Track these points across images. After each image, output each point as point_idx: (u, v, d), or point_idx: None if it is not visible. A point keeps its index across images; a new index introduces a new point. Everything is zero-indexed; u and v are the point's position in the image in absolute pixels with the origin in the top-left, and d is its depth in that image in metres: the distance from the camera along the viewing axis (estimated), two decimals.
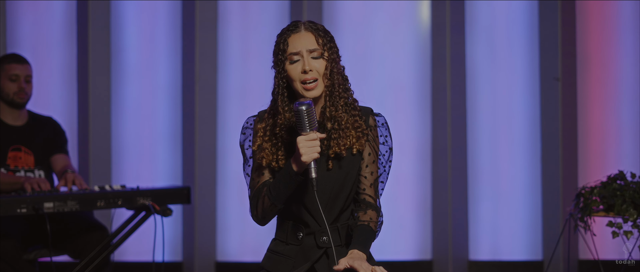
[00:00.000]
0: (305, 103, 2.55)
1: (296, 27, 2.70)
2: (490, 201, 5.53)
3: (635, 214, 3.86)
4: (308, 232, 2.72)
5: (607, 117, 5.46)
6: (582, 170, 5.46)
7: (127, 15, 5.60)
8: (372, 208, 2.71)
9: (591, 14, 5.49)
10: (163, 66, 5.61)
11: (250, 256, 5.60)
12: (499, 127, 5.53)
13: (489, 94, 5.54)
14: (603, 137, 5.47)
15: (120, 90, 5.60)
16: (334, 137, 2.67)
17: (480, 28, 5.53)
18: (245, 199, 5.58)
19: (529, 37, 5.50)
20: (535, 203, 5.48)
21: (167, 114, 5.62)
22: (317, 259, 2.70)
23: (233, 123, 5.60)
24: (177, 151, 5.61)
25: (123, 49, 5.60)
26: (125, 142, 5.61)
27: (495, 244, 5.54)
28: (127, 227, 4.13)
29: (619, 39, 5.45)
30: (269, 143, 2.70)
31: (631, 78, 5.44)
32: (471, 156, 5.52)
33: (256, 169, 2.73)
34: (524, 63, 5.51)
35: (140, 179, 5.46)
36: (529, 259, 5.51)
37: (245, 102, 5.60)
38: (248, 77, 5.59)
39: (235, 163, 5.59)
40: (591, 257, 5.31)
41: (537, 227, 5.48)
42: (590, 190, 3.98)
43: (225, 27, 5.61)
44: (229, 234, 5.61)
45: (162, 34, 5.61)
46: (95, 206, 3.85)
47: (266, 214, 2.69)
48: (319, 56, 2.66)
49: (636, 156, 5.43)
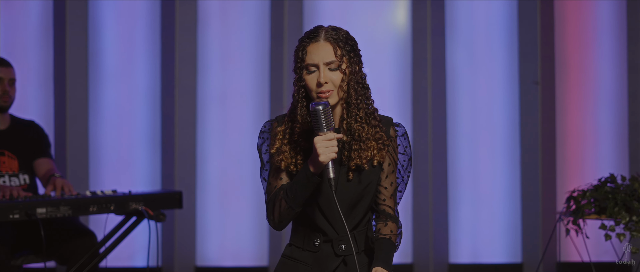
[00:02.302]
0: (322, 103, 2.53)
1: (317, 35, 2.65)
2: (470, 204, 5.56)
3: (627, 217, 3.90)
4: (325, 239, 2.69)
5: (585, 121, 5.52)
6: (561, 173, 5.52)
7: (105, 17, 5.52)
8: (393, 219, 2.70)
9: (569, 17, 5.55)
10: (142, 69, 5.55)
11: (230, 261, 5.56)
12: (478, 130, 5.57)
13: (468, 98, 5.57)
14: (581, 141, 5.53)
15: (98, 93, 5.52)
16: (355, 148, 2.65)
17: (460, 32, 5.56)
18: (225, 203, 5.54)
19: (508, 41, 5.54)
20: (515, 206, 5.53)
21: (146, 118, 5.55)
22: (335, 268, 2.68)
23: (213, 127, 5.56)
24: (156, 155, 5.54)
25: (101, 51, 5.52)
26: (103, 147, 5.53)
27: (475, 247, 5.57)
28: (117, 233, 4.06)
29: (597, 43, 5.52)
30: (288, 146, 2.67)
31: (609, 81, 5.51)
32: (451, 160, 5.55)
33: (274, 173, 2.70)
34: (503, 67, 5.56)
35: (118, 184, 5.39)
36: (508, 261, 5.55)
37: (226, 105, 5.56)
38: (228, 80, 5.55)
39: (215, 167, 5.55)
40: (570, 260, 5.37)
41: (516, 230, 5.52)
42: (582, 193, 4.02)
43: (204, 29, 5.57)
44: (209, 239, 5.56)
45: (140, 36, 5.54)
46: (87, 211, 3.78)
47: (283, 218, 2.66)
48: (336, 68, 2.63)
49: (614, 158, 5.50)
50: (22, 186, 4.22)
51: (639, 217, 3.90)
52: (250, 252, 5.56)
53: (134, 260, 5.50)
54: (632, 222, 3.90)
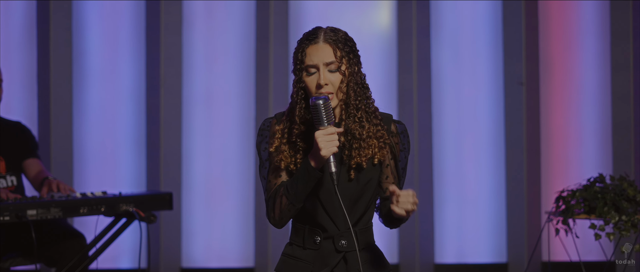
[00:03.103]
0: (322, 97, 2.55)
1: (316, 37, 2.65)
2: (455, 204, 5.58)
3: (617, 217, 3.93)
4: (326, 236, 2.69)
5: (570, 121, 5.56)
6: (545, 173, 5.55)
7: (89, 17, 5.49)
8: None
9: (553, 17, 5.58)
10: (127, 69, 5.51)
11: (215, 262, 5.54)
12: (464, 131, 5.59)
13: (454, 98, 5.59)
14: (565, 141, 5.56)
15: (82, 94, 5.48)
16: (355, 147, 2.65)
17: (445, 32, 5.58)
18: (210, 204, 5.53)
19: (493, 41, 5.56)
20: (500, 206, 5.55)
21: (131, 119, 5.52)
22: (335, 264, 2.68)
23: (198, 127, 5.54)
24: (141, 156, 5.51)
25: (85, 51, 5.48)
26: (87, 148, 5.49)
27: (460, 247, 5.59)
28: (107, 234, 4.03)
29: (581, 43, 5.56)
30: (287, 145, 2.67)
31: (593, 81, 5.54)
32: (436, 160, 5.56)
33: (273, 171, 2.69)
34: (488, 67, 5.58)
35: (103, 185, 5.35)
36: (493, 261, 5.57)
37: (211, 106, 5.54)
38: (214, 81, 5.54)
39: (201, 168, 5.53)
40: (552, 259, 5.40)
41: (501, 229, 5.55)
42: (572, 193, 4.04)
43: (190, 29, 5.54)
44: (195, 240, 5.54)
45: (125, 36, 5.51)
46: (78, 212, 3.75)
47: (284, 214, 2.66)
48: (336, 69, 2.64)
49: (598, 158, 5.54)
50: (9, 187, 4.18)
51: (628, 216, 3.93)
52: (236, 253, 5.55)
53: (120, 261, 5.47)
54: (622, 222, 3.93)
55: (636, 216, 3.92)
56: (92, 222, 4.56)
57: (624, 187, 4.01)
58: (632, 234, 4.07)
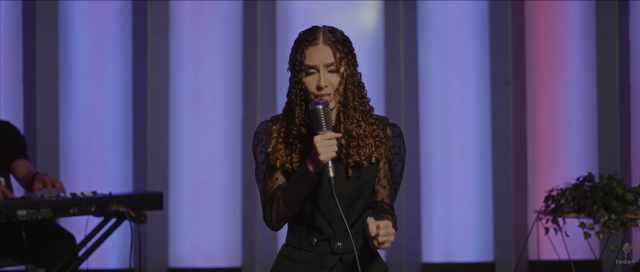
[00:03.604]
0: (321, 103, 2.55)
1: (315, 38, 2.65)
2: (442, 204, 5.60)
3: (606, 215, 3.95)
4: (322, 238, 2.69)
5: (556, 120, 5.59)
6: (531, 172, 5.58)
7: (75, 16, 5.46)
8: (390, 213, 2.72)
9: (539, 18, 5.61)
10: (113, 69, 5.49)
11: (202, 262, 5.53)
12: (451, 130, 5.60)
13: (441, 98, 5.61)
14: (551, 140, 5.59)
15: (68, 93, 5.45)
16: (353, 145, 2.66)
17: (433, 32, 5.59)
18: (197, 203, 5.51)
19: (480, 41, 5.58)
20: (487, 205, 5.57)
21: (117, 118, 5.50)
22: (332, 267, 2.68)
23: (185, 127, 5.52)
24: (128, 156, 5.49)
25: (71, 50, 5.45)
26: (74, 147, 5.46)
27: (447, 246, 5.60)
28: (97, 234, 4.01)
29: (567, 43, 5.59)
30: (283, 144, 2.67)
31: (578, 81, 5.58)
32: (424, 159, 5.58)
33: (269, 173, 2.69)
34: (475, 67, 5.60)
35: (90, 186, 5.33)
36: (480, 260, 5.59)
37: (198, 105, 5.53)
38: (201, 80, 5.52)
39: (188, 168, 5.51)
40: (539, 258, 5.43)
41: (488, 228, 5.57)
42: (561, 192, 4.06)
43: (177, 28, 5.53)
44: (181, 240, 5.52)
45: (112, 35, 5.49)
46: (68, 212, 3.73)
47: (281, 218, 2.66)
48: (335, 70, 2.64)
49: (584, 157, 5.57)
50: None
51: (617, 215, 3.95)
52: (223, 253, 5.54)
53: (107, 262, 5.44)
54: (611, 221, 3.95)
55: (625, 215, 3.94)
56: (80, 222, 4.54)
57: (613, 186, 4.04)
58: (621, 233, 4.09)
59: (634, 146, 5.53)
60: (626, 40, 5.52)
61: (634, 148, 5.53)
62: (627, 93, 5.53)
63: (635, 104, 5.54)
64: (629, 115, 5.52)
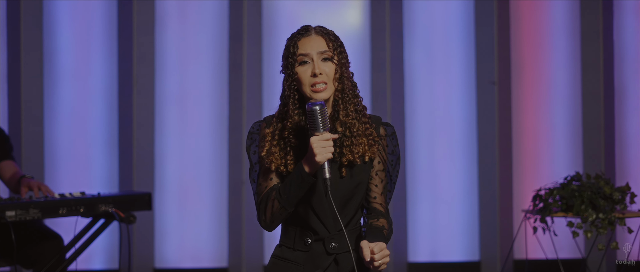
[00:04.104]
0: (318, 103, 2.54)
1: (307, 31, 2.70)
2: (428, 203, 5.61)
3: (594, 214, 3.98)
4: (317, 238, 2.69)
5: (540, 120, 5.62)
6: (516, 171, 5.60)
7: (60, 17, 5.43)
8: (384, 216, 2.72)
9: (524, 18, 5.63)
10: (99, 69, 5.46)
11: (189, 262, 5.52)
12: (436, 130, 5.62)
13: (426, 98, 5.62)
14: (536, 139, 5.62)
15: (53, 93, 5.42)
16: (347, 144, 2.66)
17: (418, 32, 5.61)
18: (183, 204, 5.50)
19: (465, 41, 5.60)
20: (472, 205, 5.59)
21: (103, 119, 5.47)
22: (326, 267, 2.68)
23: (171, 127, 5.50)
24: (114, 156, 5.47)
25: (56, 50, 5.42)
26: (59, 148, 5.43)
27: (433, 245, 5.62)
28: (85, 235, 3.99)
29: (552, 43, 5.62)
30: (277, 147, 2.66)
31: (563, 81, 5.61)
32: (409, 159, 5.59)
33: (264, 174, 2.69)
34: (460, 67, 5.62)
35: (75, 186, 5.30)
36: (466, 260, 5.61)
37: (184, 106, 5.51)
38: (186, 81, 5.51)
39: (174, 168, 5.50)
40: (522, 257, 5.46)
41: (474, 228, 5.59)
42: (549, 191, 4.08)
43: (162, 29, 5.51)
44: (167, 240, 5.50)
45: (97, 36, 5.46)
46: (57, 213, 3.71)
47: (275, 218, 2.65)
48: (329, 58, 2.65)
49: (568, 157, 5.60)
50: None
51: (605, 214, 3.98)
52: (209, 253, 5.52)
53: (92, 262, 5.41)
54: (599, 220, 3.98)
55: (613, 214, 3.97)
56: (67, 222, 4.51)
57: (600, 185, 4.06)
58: (609, 232, 4.12)
59: (618, 145, 5.57)
60: (610, 40, 5.56)
61: (618, 147, 5.57)
62: (611, 93, 5.56)
63: (619, 104, 5.58)
64: (613, 115, 5.56)
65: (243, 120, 5.43)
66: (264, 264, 5.49)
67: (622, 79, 5.59)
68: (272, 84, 5.51)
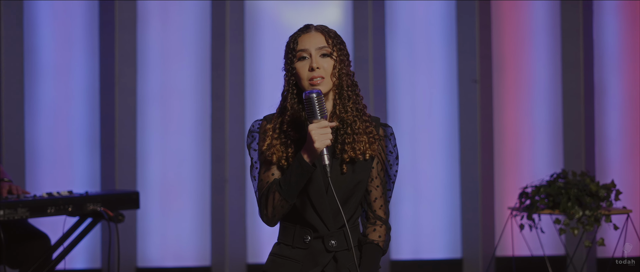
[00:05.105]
0: (315, 91, 2.56)
1: (307, 28, 2.73)
2: (411, 201, 5.63)
3: (581, 212, 4.01)
4: (316, 236, 2.70)
5: (522, 118, 5.66)
6: (498, 169, 5.64)
7: (41, 14, 5.38)
8: (382, 221, 2.74)
9: (506, 17, 5.67)
10: (80, 67, 5.42)
11: (171, 261, 5.49)
12: (418, 128, 5.64)
13: (409, 96, 5.64)
14: (517, 137, 5.66)
15: (34, 91, 5.37)
16: (348, 141, 2.68)
17: (401, 31, 5.63)
18: (166, 203, 5.47)
19: (447, 39, 5.63)
20: (454, 203, 5.62)
21: (84, 117, 5.43)
22: (325, 265, 2.69)
23: (153, 126, 5.48)
24: (96, 155, 5.43)
25: (37, 48, 5.37)
26: (40, 147, 5.38)
27: (416, 243, 5.63)
28: (72, 234, 3.96)
29: (532, 42, 5.66)
30: (278, 140, 2.68)
31: (544, 79, 5.65)
32: None
33: (265, 170, 2.70)
34: (442, 65, 5.64)
35: (57, 185, 5.26)
36: (448, 257, 5.64)
37: (166, 104, 5.49)
38: (169, 79, 5.48)
39: (156, 167, 5.47)
40: (506, 254, 5.50)
41: (456, 226, 5.62)
42: (536, 189, 4.11)
43: (144, 27, 5.48)
44: (150, 240, 5.48)
45: (79, 33, 5.42)
46: (45, 212, 3.68)
47: (276, 211, 2.65)
48: (328, 54, 2.68)
49: (549, 155, 5.64)
50: None
51: (591, 211, 4.01)
52: (192, 252, 5.51)
53: (74, 262, 5.38)
54: (585, 217, 4.01)
55: (599, 211, 4.00)
56: (52, 222, 4.48)
57: (586, 182, 4.10)
58: (595, 228, 4.15)
59: (598, 143, 5.62)
60: (590, 38, 5.61)
61: (598, 144, 5.62)
62: (591, 91, 5.62)
63: (599, 101, 5.64)
64: (593, 113, 5.61)
65: (226, 119, 5.42)
66: (247, 262, 5.48)
67: (602, 77, 5.64)
68: (254, 82, 5.50)
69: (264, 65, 5.54)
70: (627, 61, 5.64)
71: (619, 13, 5.65)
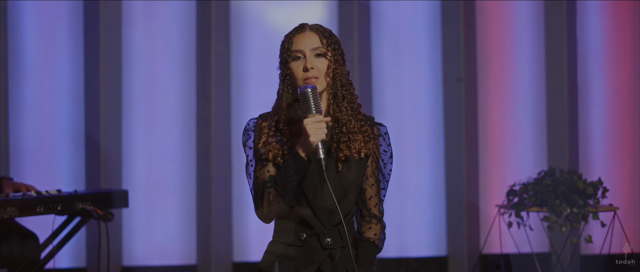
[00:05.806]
0: (310, 86, 2.59)
1: (302, 28, 2.74)
2: (396, 200, 5.64)
3: (568, 209, 4.04)
4: (311, 233, 2.71)
5: (506, 117, 5.69)
6: (483, 167, 5.66)
7: (25, 13, 5.35)
8: (377, 220, 2.76)
9: (490, 16, 5.70)
10: (65, 66, 5.39)
11: (157, 260, 5.48)
12: (403, 126, 5.65)
13: (394, 95, 5.65)
14: (502, 135, 5.69)
15: (18, 90, 5.34)
16: (343, 140, 2.69)
17: (385, 30, 5.64)
18: (151, 201, 5.46)
19: (432, 38, 5.65)
20: (439, 200, 5.64)
21: (69, 116, 5.40)
22: (321, 262, 2.70)
23: (139, 125, 5.46)
24: (80, 154, 5.40)
25: (21, 47, 5.34)
26: (24, 146, 5.35)
27: (401, 241, 5.65)
28: (61, 233, 3.94)
29: (517, 41, 5.69)
30: (274, 138, 2.69)
31: (528, 79, 5.69)
32: None
33: (260, 167, 2.70)
34: (427, 64, 5.66)
35: (40, 184, 5.21)
36: (433, 255, 5.66)
37: (151, 103, 5.47)
38: (154, 77, 5.47)
39: (141, 166, 5.45)
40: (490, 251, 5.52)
41: (441, 223, 5.64)
42: (524, 186, 4.14)
43: (129, 26, 5.46)
44: (135, 238, 5.46)
45: (63, 32, 5.39)
46: (34, 211, 3.67)
47: (272, 207, 2.65)
48: (322, 54, 2.68)
49: (533, 153, 5.68)
50: None
51: (579, 209, 4.04)
52: (177, 250, 5.49)
53: (59, 261, 5.34)
54: (573, 214, 4.04)
55: (586, 208, 4.04)
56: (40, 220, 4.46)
57: (573, 180, 4.13)
58: (582, 225, 4.19)
59: (582, 141, 5.66)
60: (574, 38, 5.65)
61: (582, 142, 5.66)
62: (575, 90, 5.66)
63: (582, 100, 5.68)
64: (577, 112, 5.65)
65: (211, 117, 5.41)
66: (233, 261, 5.48)
67: (586, 76, 5.69)
68: (240, 80, 5.50)
69: (249, 64, 5.54)
70: (610, 60, 5.69)
71: (602, 13, 5.70)
